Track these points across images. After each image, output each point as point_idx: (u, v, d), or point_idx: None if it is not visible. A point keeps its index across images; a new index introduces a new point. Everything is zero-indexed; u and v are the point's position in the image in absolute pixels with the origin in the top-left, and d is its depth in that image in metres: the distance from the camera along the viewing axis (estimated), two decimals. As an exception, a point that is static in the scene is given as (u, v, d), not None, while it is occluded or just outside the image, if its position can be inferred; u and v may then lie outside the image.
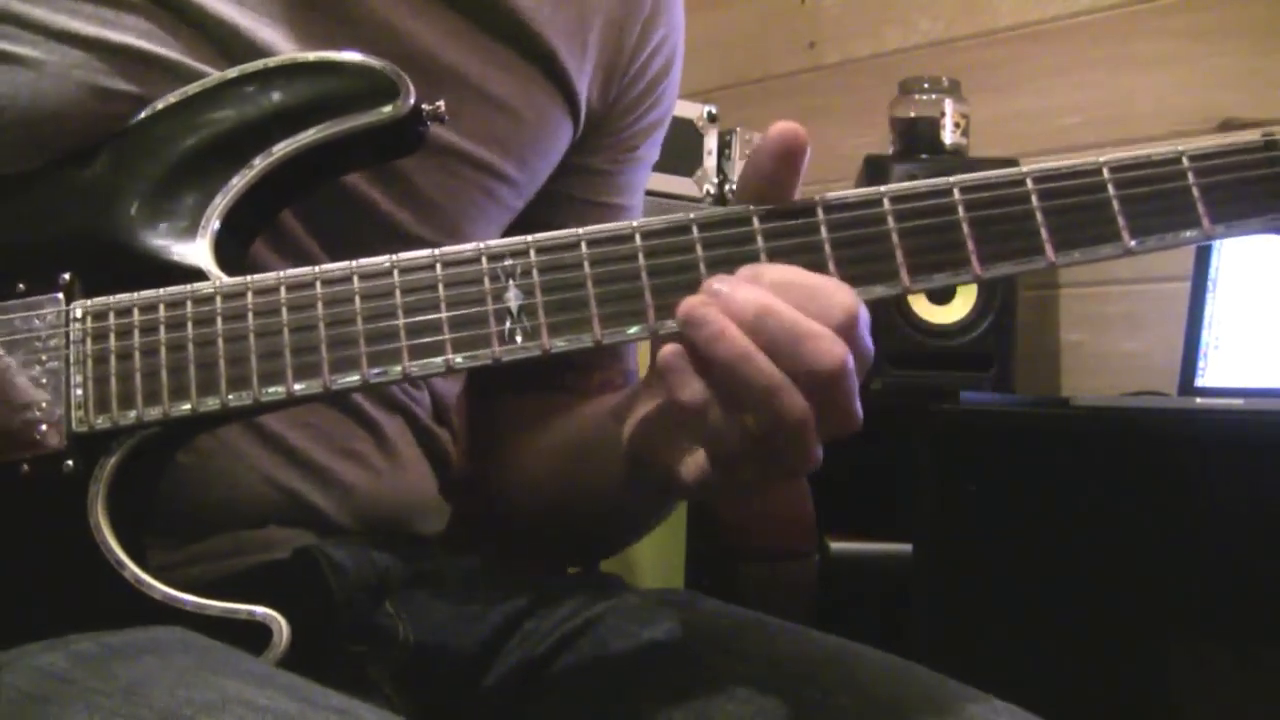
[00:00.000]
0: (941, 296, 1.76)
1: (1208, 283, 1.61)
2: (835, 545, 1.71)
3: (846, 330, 0.56)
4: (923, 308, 1.76)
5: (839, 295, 0.57)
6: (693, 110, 1.93)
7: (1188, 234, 0.59)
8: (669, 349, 0.57)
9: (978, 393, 1.64)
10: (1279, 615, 1.47)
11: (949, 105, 1.83)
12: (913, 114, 1.84)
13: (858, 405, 0.58)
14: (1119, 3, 1.90)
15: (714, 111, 1.96)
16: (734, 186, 1.93)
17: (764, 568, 1.49)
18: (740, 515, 1.49)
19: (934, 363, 1.73)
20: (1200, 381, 1.59)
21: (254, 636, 0.60)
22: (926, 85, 1.85)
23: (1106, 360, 1.89)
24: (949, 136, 1.82)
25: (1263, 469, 1.43)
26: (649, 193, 0.95)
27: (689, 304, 0.56)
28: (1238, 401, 1.42)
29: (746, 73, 2.32)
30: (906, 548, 1.61)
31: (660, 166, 0.96)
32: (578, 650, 0.75)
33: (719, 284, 0.56)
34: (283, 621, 0.60)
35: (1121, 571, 1.56)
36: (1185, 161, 0.59)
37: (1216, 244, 1.62)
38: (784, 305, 0.55)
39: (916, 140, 1.82)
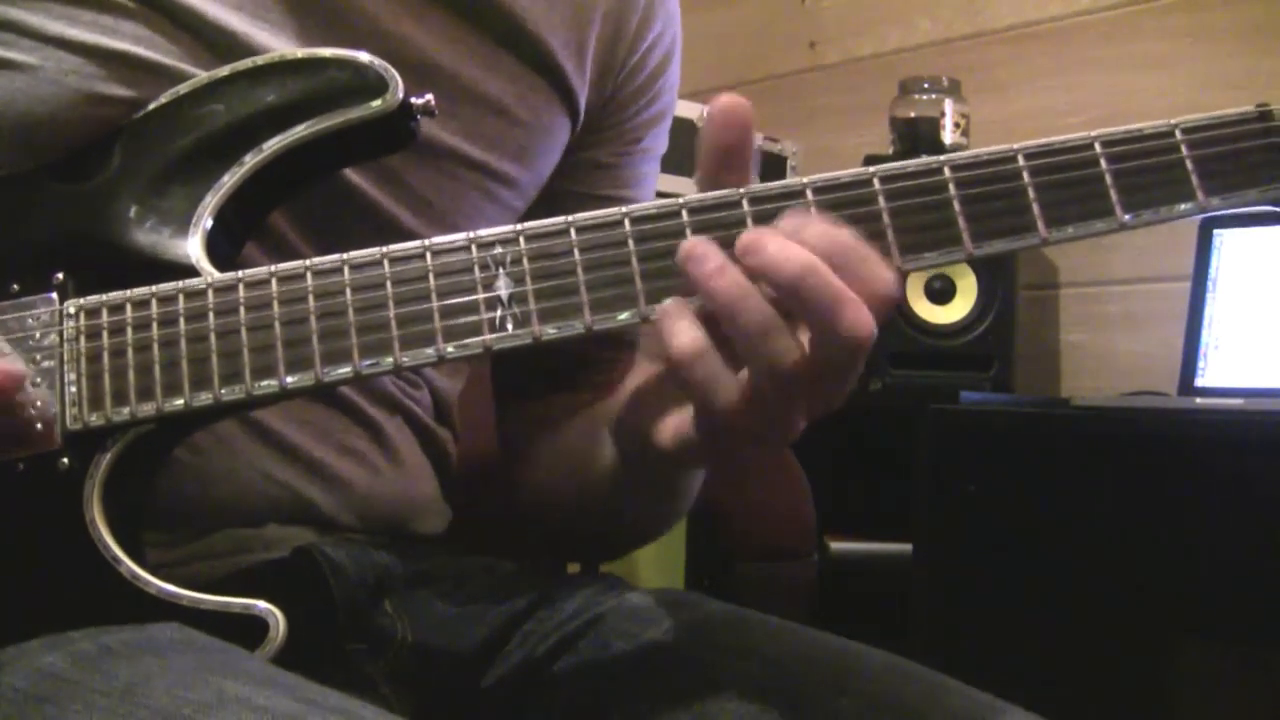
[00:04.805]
0: (941, 297, 1.76)
1: (1208, 283, 1.61)
2: (835, 545, 1.71)
3: (882, 305, 0.55)
4: (923, 308, 1.75)
5: (880, 268, 0.55)
6: (693, 110, 1.92)
7: (1182, 206, 0.58)
8: (669, 300, 0.57)
9: (978, 393, 1.63)
10: (1279, 615, 1.47)
11: (949, 105, 1.83)
12: (913, 114, 1.84)
13: (848, 387, 0.57)
14: (1119, 3, 1.90)
15: (714, 111, 1.95)
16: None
17: (764, 568, 1.49)
18: (740, 515, 1.49)
19: (934, 363, 1.73)
20: (1200, 381, 1.59)
21: (251, 631, 0.60)
22: (926, 85, 1.85)
23: (1106, 360, 1.89)
24: (949, 136, 1.82)
25: (1262, 469, 1.42)
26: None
27: (691, 241, 0.56)
28: (1238, 401, 1.42)
29: (746, 73, 2.32)
30: (906, 548, 1.61)
31: (660, 166, 0.96)
32: (578, 650, 0.75)
33: (763, 235, 0.55)
34: (279, 615, 0.60)
35: (1121, 571, 1.56)
36: (1178, 134, 0.58)
37: (1216, 244, 1.62)
38: (826, 268, 0.54)
39: (917, 140, 1.81)
